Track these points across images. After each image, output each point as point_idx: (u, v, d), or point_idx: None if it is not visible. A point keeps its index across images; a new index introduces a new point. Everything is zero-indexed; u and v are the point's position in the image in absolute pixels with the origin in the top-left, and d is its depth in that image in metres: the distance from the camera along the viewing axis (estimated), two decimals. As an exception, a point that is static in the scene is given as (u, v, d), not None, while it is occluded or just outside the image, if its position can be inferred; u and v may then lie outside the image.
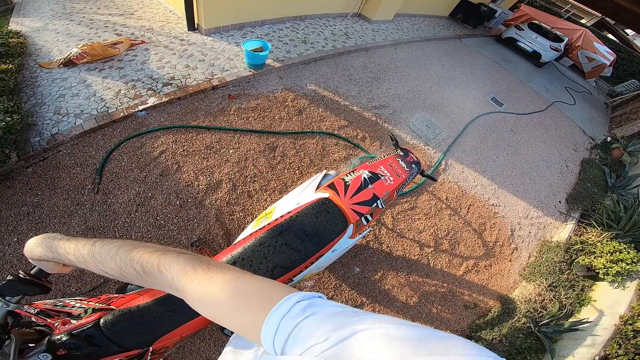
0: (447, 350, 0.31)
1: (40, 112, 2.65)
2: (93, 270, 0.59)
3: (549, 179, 4.58)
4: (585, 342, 2.60)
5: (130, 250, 0.55)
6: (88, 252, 0.59)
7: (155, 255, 0.53)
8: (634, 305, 2.70)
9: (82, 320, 0.93)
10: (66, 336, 0.85)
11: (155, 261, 0.52)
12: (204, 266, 0.50)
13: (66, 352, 0.83)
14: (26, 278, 0.72)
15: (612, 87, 10.18)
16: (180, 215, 2.37)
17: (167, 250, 0.55)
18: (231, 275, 0.48)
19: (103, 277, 1.94)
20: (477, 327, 2.67)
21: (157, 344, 1.00)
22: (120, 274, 0.55)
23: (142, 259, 0.53)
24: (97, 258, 0.57)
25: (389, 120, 4.16)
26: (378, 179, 1.71)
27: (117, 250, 0.56)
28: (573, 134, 6.20)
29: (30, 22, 3.74)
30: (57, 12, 4.12)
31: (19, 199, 2.14)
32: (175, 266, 0.51)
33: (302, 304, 0.41)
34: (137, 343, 0.96)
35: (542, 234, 3.74)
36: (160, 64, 3.47)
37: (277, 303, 0.42)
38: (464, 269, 3.02)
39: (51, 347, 0.82)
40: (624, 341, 2.44)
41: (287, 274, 1.28)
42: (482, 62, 7.38)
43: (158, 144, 2.71)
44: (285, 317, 0.40)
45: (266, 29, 4.85)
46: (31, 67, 3.06)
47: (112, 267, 0.56)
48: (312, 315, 0.40)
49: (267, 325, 0.40)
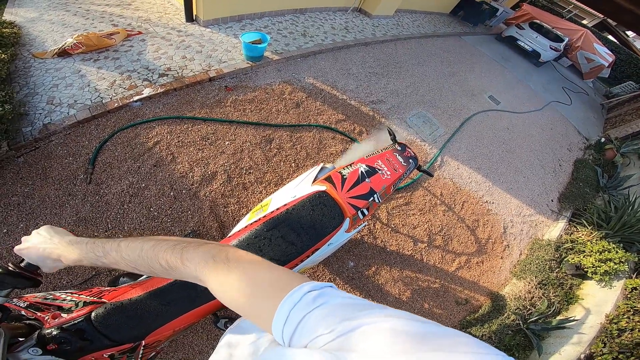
0: (454, 347, 0.31)
1: (33, 102, 2.61)
2: (125, 269, 0.61)
3: (542, 178, 4.62)
4: (571, 340, 2.65)
5: (154, 247, 0.58)
6: (116, 254, 0.61)
7: (178, 248, 0.55)
8: (620, 304, 2.75)
9: (73, 314, 0.91)
10: (56, 330, 0.83)
11: (179, 255, 0.54)
12: (223, 256, 0.52)
13: (57, 346, 0.81)
14: (15, 271, 0.71)
15: (609, 89, 10.24)
16: (174, 207, 2.36)
17: (189, 243, 0.57)
18: (249, 265, 0.50)
19: (94, 269, 1.94)
20: (467, 323, 2.71)
21: (149, 337, 0.99)
22: (149, 270, 0.58)
23: (166, 254, 0.55)
24: (127, 258, 0.60)
25: (386, 115, 4.16)
26: (375, 173, 1.71)
27: (142, 248, 0.59)
28: (568, 133, 6.24)
29: (25, 13, 3.65)
30: (53, 2, 4.01)
31: (9, 189, 2.10)
32: (196, 258, 0.53)
33: (313, 293, 0.42)
34: (129, 337, 0.95)
35: (533, 232, 3.79)
36: (156, 55, 3.42)
37: (289, 292, 0.42)
38: (457, 265, 3.05)
39: (41, 341, 0.80)
40: (608, 340, 2.49)
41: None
42: (481, 60, 7.38)
43: (153, 135, 2.69)
44: (296, 306, 0.41)
45: (265, 21, 4.79)
46: (25, 57, 3.00)
47: (141, 264, 0.58)
48: (322, 305, 0.40)
49: (278, 314, 0.41)
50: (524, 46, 9.07)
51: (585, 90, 9.46)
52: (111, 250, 0.62)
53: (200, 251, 0.54)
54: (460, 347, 0.31)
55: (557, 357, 2.56)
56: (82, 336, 0.86)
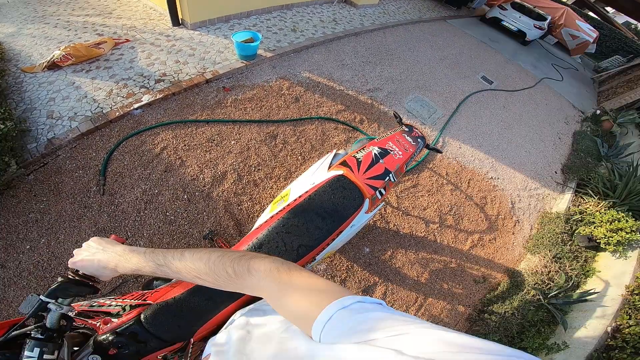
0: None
1: (33, 117, 2.58)
2: (184, 279, 0.65)
3: (543, 151, 4.67)
4: (595, 314, 2.62)
5: (222, 256, 0.61)
6: (180, 263, 0.64)
7: (245, 258, 0.59)
8: (639, 275, 2.73)
9: (122, 318, 0.91)
10: (112, 335, 0.82)
11: (246, 264, 0.58)
12: (285, 269, 0.56)
13: (116, 351, 0.80)
14: (76, 279, 0.71)
15: (598, 63, 10.37)
16: (189, 210, 2.35)
17: (254, 255, 0.61)
18: (308, 276, 0.53)
19: (122, 278, 1.94)
20: (488, 301, 2.71)
21: (197, 335, 0.99)
22: (214, 278, 0.60)
23: (234, 262, 0.59)
24: (191, 267, 0.62)
25: (384, 102, 4.17)
26: (388, 153, 1.73)
27: (209, 256, 0.62)
28: (563, 108, 6.30)
29: (1, 28, 3.59)
30: (28, 15, 3.94)
31: (25, 206, 2.10)
32: (262, 267, 0.56)
33: (364, 304, 0.43)
34: (179, 335, 0.95)
35: (541, 205, 3.82)
36: (149, 61, 3.40)
37: (341, 297, 0.44)
38: (470, 243, 3.08)
39: (98, 347, 0.80)
40: (633, 312, 2.46)
41: (311, 252, 1.29)
42: (470, 42, 7.41)
43: (158, 141, 2.67)
44: (344, 309, 0.42)
45: (253, 19, 4.77)
46: (13, 73, 2.96)
47: (207, 272, 0.61)
48: (367, 313, 0.41)
49: (324, 311, 0.43)
50: (509, 26, 9.11)
51: (574, 66, 9.54)
52: (174, 259, 0.65)
53: (266, 262, 0.58)
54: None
55: (583, 331, 2.51)
56: (136, 339, 0.86)
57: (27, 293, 1.79)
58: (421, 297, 2.57)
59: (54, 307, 0.67)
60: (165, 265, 0.65)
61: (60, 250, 1.99)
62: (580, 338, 2.48)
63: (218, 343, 0.66)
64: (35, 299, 0.66)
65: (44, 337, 0.65)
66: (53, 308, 0.67)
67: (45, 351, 0.63)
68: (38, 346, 0.63)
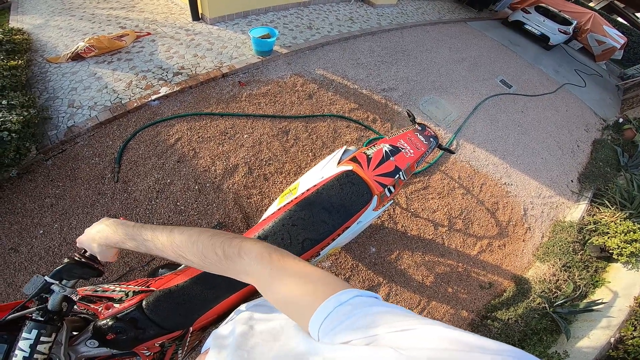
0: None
1: (55, 105, 2.69)
2: (168, 257, 0.61)
3: (560, 159, 4.53)
4: (600, 324, 2.58)
5: (212, 236, 0.58)
6: (167, 239, 0.61)
7: (236, 240, 0.56)
8: None
9: (124, 303, 0.92)
10: (112, 320, 0.83)
11: (237, 246, 0.55)
12: (278, 254, 0.53)
13: (114, 336, 0.81)
14: (82, 260, 0.72)
15: (624, 70, 9.96)
16: (199, 200, 2.40)
17: (245, 238, 0.58)
18: (303, 265, 0.51)
19: (129, 265, 2.00)
20: (492, 308, 2.68)
21: (196, 324, 1.00)
22: (200, 258, 0.57)
23: (224, 244, 0.56)
24: (177, 244, 0.60)
25: (398, 102, 4.13)
26: (399, 151, 1.72)
27: (199, 236, 0.59)
28: (584, 115, 6.10)
29: (30, 20, 3.73)
30: (56, 8, 4.10)
31: (42, 191, 2.18)
32: (254, 251, 0.53)
33: (361, 298, 0.42)
34: (179, 323, 0.96)
35: (554, 213, 3.72)
36: (168, 54, 3.48)
37: (338, 292, 0.43)
38: (478, 248, 3.03)
39: (97, 333, 0.81)
40: (639, 323, 2.42)
41: (316, 247, 1.30)
42: (489, 45, 7.24)
43: (173, 132, 2.73)
44: (341, 305, 0.41)
45: (270, 16, 4.81)
46: (39, 63, 3.09)
47: (193, 252, 0.58)
48: (365, 309, 0.40)
49: (321, 308, 0.41)
50: (532, 30, 8.85)
51: (599, 72, 9.20)
52: (161, 235, 0.62)
53: (258, 246, 0.55)
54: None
55: (585, 341, 2.49)
56: (136, 325, 0.87)
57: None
58: (425, 300, 2.55)
59: (57, 288, 0.68)
60: (152, 240, 0.62)
61: (71, 236, 2.04)
62: (582, 348, 2.45)
63: (221, 335, 0.64)
64: (40, 279, 0.68)
65: (44, 319, 0.66)
66: (56, 290, 0.68)
67: (43, 333, 0.64)
68: (36, 328, 0.64)
